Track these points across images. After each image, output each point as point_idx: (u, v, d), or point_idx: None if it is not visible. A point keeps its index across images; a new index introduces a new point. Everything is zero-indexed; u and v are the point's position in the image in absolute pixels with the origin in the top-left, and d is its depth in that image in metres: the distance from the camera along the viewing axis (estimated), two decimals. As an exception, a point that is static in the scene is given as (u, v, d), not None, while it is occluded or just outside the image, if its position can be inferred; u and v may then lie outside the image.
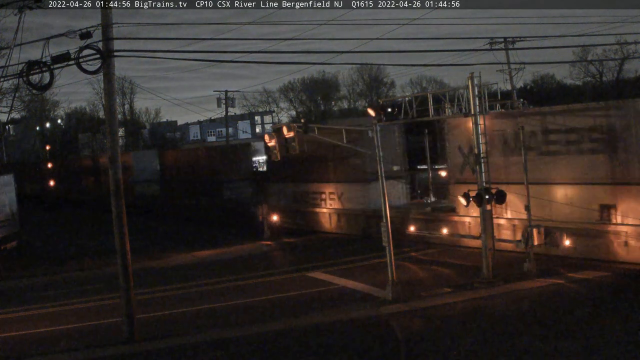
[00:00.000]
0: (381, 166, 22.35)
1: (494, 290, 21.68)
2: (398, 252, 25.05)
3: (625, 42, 66.68)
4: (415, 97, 25.48)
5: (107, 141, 20.19)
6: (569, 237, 24.37)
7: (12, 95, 42.29)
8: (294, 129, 24.72)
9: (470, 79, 22.92)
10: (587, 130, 24.53)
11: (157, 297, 24.74)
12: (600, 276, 22.37)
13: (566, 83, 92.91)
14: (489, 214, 23.72)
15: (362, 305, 21.10)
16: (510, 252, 25.47)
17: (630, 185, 23.31)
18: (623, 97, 56.94)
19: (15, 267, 33.52)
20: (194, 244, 37.52)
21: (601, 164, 24.07)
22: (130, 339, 18.92)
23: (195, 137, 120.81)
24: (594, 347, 15.74)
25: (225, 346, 18.12)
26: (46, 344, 19.46)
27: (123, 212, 19.19)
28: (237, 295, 24.20)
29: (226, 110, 75.75)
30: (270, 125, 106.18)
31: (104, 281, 27.91)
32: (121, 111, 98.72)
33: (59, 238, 45.29)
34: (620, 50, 75.07)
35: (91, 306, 24.25)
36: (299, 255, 32.39)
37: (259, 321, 20.26)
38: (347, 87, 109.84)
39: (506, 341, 16.64)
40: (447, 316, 19.42)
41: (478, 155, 22.93)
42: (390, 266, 21.60)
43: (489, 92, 23.92)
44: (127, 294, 19.08)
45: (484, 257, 22.61)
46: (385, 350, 16.76)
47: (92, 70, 18.12)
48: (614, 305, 19.27)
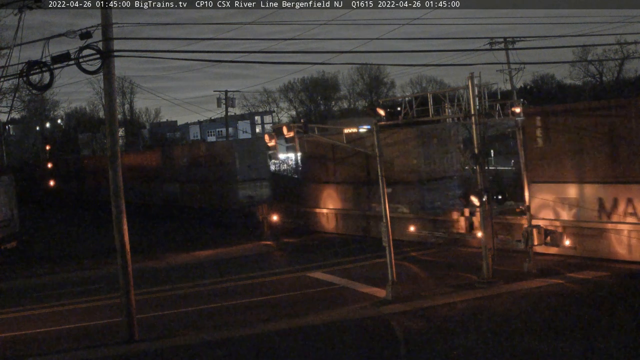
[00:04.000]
0: (381, 166, 22.35)
1: (493, 290, 21.68)
2: (398, 252, 25.06)
3: (625, 42, 66.81)
4: (415, 97, 25.48)
5: (107, 141, 20.19)
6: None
7: (12, 95, 42.28)
8: (294, 129, 24.71)
9: (470, 79, 22.92)
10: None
11: (157, 297, 24.74)
12: (600, 276, 22.40)
13: (566, 83, 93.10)
14: (489, 213, 23.71)
15: (362, 305, 21.11)
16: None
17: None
18: (623, 97, 56.97)
19: (15, 267, 33.55)
20: (194, 244, 37.54)
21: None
22: (130, 339, 18.91)
23: (195, 137, 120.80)
24: (594, 347, 15.74)
25: (225, 346, 18.12)
26: (46, 344, 19.46)
27: (123, 212, 19.19)
28: (237, 295, 24.20)
29: (226, 110, 75.72)
30: (270, 125, 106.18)
31: (104, 281, 27.93)
32: (121, 111, 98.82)
33: (59, 238, 45.31)
34: (620, 50, 75.13)
35: (91, 306, 24.24)
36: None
37: (259, 321, 20.25)
38: (347, 87, 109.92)
39: (506, 341, 16.64)
40: (447, 316, 19.42)
41: (478, 155, 22.91)
42: (390, 266, 21.61)
43: (489, 92, 23.91)
44: (127, 294, 19.07)
45: (484, 257, 22.62)
46: (385, 350, 16.76)
47: (92, 70, 18.10)
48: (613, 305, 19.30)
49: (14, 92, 38.53)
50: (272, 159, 24.66)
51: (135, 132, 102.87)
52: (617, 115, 24.50)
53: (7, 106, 48.44)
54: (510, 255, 25.28)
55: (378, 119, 23.17)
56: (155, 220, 50.84)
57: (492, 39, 54.92)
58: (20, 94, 49.37)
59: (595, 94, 75.06)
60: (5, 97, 44.37)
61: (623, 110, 24.58)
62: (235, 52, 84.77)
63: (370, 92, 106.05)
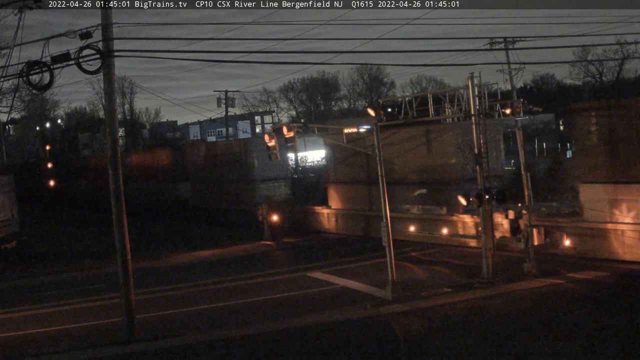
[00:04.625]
0: (381, 166, 22.34)
1: (493, 290, 21.68)
2: (398, 252, 25.05)
3: (625, 42, 66.72)
4: (415, 97, 25.49)
5: (107, 141, 20.18)
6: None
7: (12, 95, 42.24)
8: (294, 129, 24.70)
9: (470, 79, 22.93)
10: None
11: (157, 297, 24.74)
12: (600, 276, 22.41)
13: (566, 83, 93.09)
14: (488, 213, 23.71)
15: (362, 305, 21.11)
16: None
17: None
18: (623, 97, 56.91)
19: (15, 267, 33.54)
20: (195, 244, 37.55)
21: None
22: (130, 339, 18.90)
23: (195, 137, 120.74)
24: (594, 347, 15.74)
25: (225, 346, 18.12)
26: (46, 344, 19.45)
27: (123, 212, 19.18)
28: (237, 295, 24.20)
29: (226, 110, 75.67)
30: (270, 125, 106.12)
31: (104, 281, 27.92)
32: (121, 111, 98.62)
33: (59, 238, 45.30)
34: (620, 50, 75.08)
35: (91, 306, 24.24)
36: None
37: (259, 321, 20.25)
38: (347, 87, 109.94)
39: (506, 341, 16.63)
40: (447, 316, 19.41)
41: (478, 155, 22.91)
42: (390, 266, 21.60)
43: (489, 92, 23.92)
44: (127, 294, 19.06)
45: (484, 257, 22.61)
46: (385, 350, 16.75)
47: (92, 70, 18.09)
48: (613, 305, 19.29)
49: (14, 92, 38.47)
50: (271, 159, 24.61)
51: (135, 132, 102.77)
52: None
53: (7, 106, 48.34)
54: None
55: (378, 119, 23.17)
56: (157, 220, 50.84)
57: (492, 39, 54.85)
58: (20, 94, 49.39)
59: (595, 94, 75.09)
60: (5, 97, 44.36)
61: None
62: (236, 52, 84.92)
63: (370, 92, 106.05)
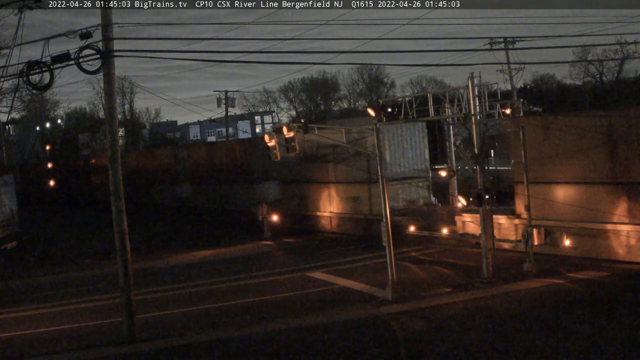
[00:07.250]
0: (381, 166, 22.35)
1: (493, 290, 21.68)
2: (398, 252, 25.04)
3: (625, 42, 66.79)
4: (415, 97, 25.52)
5: (107, 141, 20.19)
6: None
7: (12, 95, 42.21)
8: (294, 129, 24.70)
9: (470, 79, 22.93)
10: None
11: (157, 297, 24.74)
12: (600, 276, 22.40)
13: (566, 83, 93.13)
14: (488, 213, 23.72)
15: (362, 305, 21.11)
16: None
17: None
18: (623, 97, 57.01)
19: (15, 267, 33.54)
20: (195, 244, 37.54)
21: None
22: (130, 339, 18.90)
23: (195, 137, 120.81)
24: (594, 347, 15.74)
25: (225, 346, 18.12)
26: (46, 344, 19.44)
27: (123, 212, 19.18)
28: (237, 295, 24.19)
29: (226, 110, 75.81)
30: (270, 125, 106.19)
31: (104, 281, 27.92)
32: (121, 111, 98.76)
33: (59, 238, 45.29)
34: (620, 50, 75.17)
35: (91, 306, 24.24)
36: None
37: (259, 321, 20.25)
38: (347, 87, 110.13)
39: (506, 341, 16.63)
40: (447, 316, 19.41)
41: (478, 155, 22.92)
42: (390, 266, 21.60)
43: (489, 92, 23.97)
44: (127, 294, 19.06)
45: (484, 257, 22.61)
46: (385, 350, 16.75)
47: (92, 70, 18.08)
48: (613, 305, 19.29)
49: (14, 92, 38.42)
50: (271, 159, 24.65)
51: (135, 132, 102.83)
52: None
53: (7, 106, 48.35)
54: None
55: (378, 119, 23.19)
56: (160, 220, 50.85)
57: (492, 39, 55.10)
58: (20, 94, 49.35)
59: (595, 94, 75.13)
60: (5, 97, 44.34)
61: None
62: (236, 52, 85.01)
63: (370, 92, 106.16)
